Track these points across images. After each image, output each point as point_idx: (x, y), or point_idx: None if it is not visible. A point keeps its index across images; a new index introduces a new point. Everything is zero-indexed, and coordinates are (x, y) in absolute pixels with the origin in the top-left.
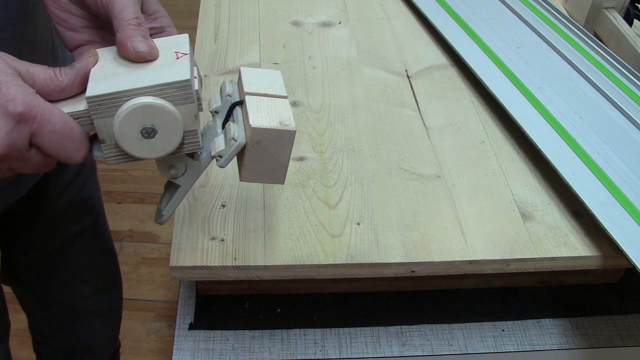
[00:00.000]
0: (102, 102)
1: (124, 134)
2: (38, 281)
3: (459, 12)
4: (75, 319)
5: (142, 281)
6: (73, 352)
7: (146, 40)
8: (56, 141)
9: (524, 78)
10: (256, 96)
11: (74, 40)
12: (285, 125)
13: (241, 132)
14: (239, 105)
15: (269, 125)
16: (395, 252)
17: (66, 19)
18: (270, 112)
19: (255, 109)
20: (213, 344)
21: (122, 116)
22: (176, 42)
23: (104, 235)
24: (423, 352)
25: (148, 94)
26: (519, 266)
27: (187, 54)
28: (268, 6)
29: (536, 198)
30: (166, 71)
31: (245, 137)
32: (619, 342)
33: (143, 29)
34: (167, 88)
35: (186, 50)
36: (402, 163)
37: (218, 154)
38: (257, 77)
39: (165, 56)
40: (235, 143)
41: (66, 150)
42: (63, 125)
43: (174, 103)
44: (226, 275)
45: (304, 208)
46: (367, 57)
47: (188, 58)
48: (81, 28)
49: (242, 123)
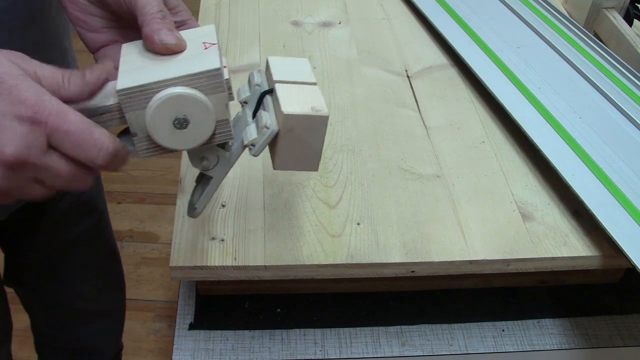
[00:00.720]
0: (133, 94)
1: (156, 125)
2: (41, 282)
3: (459, 12)
4: (78, 320)
5: (142, 281)
6: (75, 353)
7: (172, 32)
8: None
9: (524, 78)
10: (286, 84)
11: (95, 41)
12: (318, 110)
13: (273, 119)
14: (269, 93)
15: (301, 111)
16: (395, 252)
17: (86, 20)
18: (302, 98)
19: (286, 96)
20: (213, 344)
21: (154, 107)
22: (203, 33)
23: (107, 236)
24: (423, 352)
25: (179, 85)
26: (519, 266)
27: (215, 44)
28: (268, 6)
29: (536, 198)
30: (196, 61)
31: (277, 125)
32: (619, 342)
33: (168, 21)
34: (198, 78)
35: (214, 40)
36: (402, 163)
37: (251, 143)
38: (285, 66)
39: (193, 47)
40: (268, 131)
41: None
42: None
43: (205, 93)
44: (226, 275)
45: (304, 208)
46: (367, 57)
47: (216, 47)
48: (102, 28)
49: (273, 111)
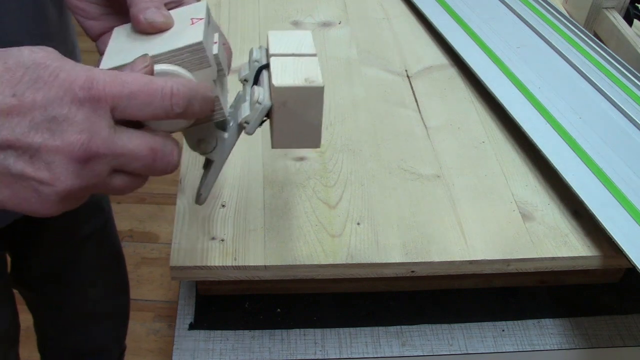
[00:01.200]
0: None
1: None
2: (48, 285)
3: (459, 12)
4: (83, 322)
5: (142, 281)
6: (79, 355)
7: (160, 10)
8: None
9: (524, 78)
10: (282, 57)
11: (95, 29)
12: (312, 81)
13: (266, 94)
14: (266, 68)
15: (293, 83)
16: (395, 252)
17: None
18: (296, 70)
19: (280, 69)
20: (213, 344)
21: None
22: (193, 10)
23: (113, 238)
24: (423, 352)
25: (161, 62)
26: (519, 266)
27: (202, 19)
28: (268, 6)
29: (536, 198)
30: (179, 37)
31: (270, 99)
32: (619, 342)
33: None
34: (180, 53)
35: (202, 15)
36: (402, 163)
37: (245, 120)
38: (285, 39)
39: (180, 24)
40: (260, 106)
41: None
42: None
43: (190, 69)
44: (226, 275)
45: (304, 208)
46: (367, 57)
47: (203, 22)
48: (101, 16)
49: (267, 86)
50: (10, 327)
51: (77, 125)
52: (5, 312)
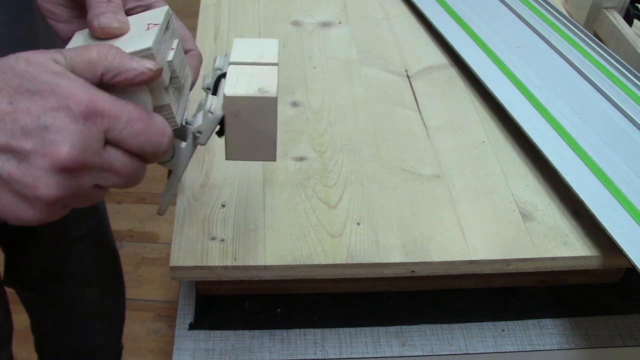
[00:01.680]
0: None
1: None
2: (42, 284)
3: (459, 12)
4: (80, 321)
5: (142, 281)
6: (76, 355)
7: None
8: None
9: (524, 78)
10: (240, 65)
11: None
12: (265, 91)
13: (219, 104)
14: (224, 77)
15: (245, 93)
16: (395, 252)
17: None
18: (251, 79)
19: (234, 79)
20: (213, 344)
21: None
22: (152, 15)
23: (108, 237)
24: (423, 352)
25: None
26: (519, 266)
27: (157, 24)
28: (268, 6)
29: (536, 198)
30: (131, 42)
31: (222, 109)
32: (619, 342)
33: (113, 5)
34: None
35: (159, 20)
36: (402, 163)
37: (197, 130)
38: (249, 47)
39: (136, 29)
40: (212, 116)
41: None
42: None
43: None
44: (226, 275)
45: (304, 208)
46: (367, 57)
47: (157, 28)
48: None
49: (221, 95)
50: (3, 326)
51: (69, 137)
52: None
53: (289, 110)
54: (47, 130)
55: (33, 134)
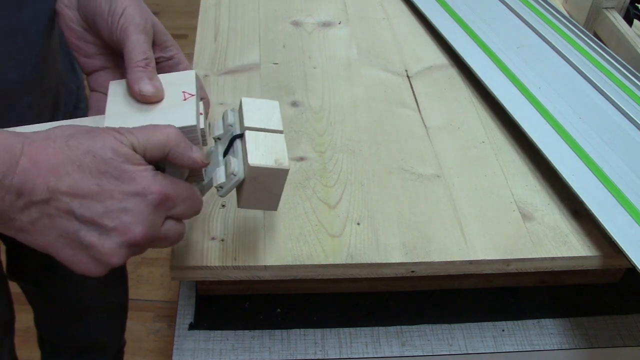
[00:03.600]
0: None
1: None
2: (44, 276)
3: (459, 12)
4: (82, 315)
5: (142, 281)
6: (78, 349)
7: (152, 81)
8: (189, 207)
9: (524, 78)
10: (254, 131)
11: (89, 65)
12: (280, 164)
13: (240, 167)
14: (239, 138)
15: (265, 164)
16: (395, 252)
17: (82, 47)
18: (268, 149)
19: (253, 146)
20: (213, 344)
21: None
22: (183, 80)
23: None
24: (423, 352)
25: None
26: (519, 266)
27: (193, 95)
28: (268, 6)
29: (536, 198)
30: (174, 115)
31: (243, 172)
32: (619, 342)
33: (150, 69)
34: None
35: (192, 90)
36: (402, 163)
37: (219, 185)
38: (257, 109)
39: (173, 95)
40: (235, 178)
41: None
42: (188, 190)
43: None
44: (226, 275)
45: (304, 208)
46: (367, 57)
47: (194, 99)
48: (96, 55)
49: (241, 157)
50: (5, 313)
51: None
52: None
53: (289, 110)
54: (126, 213)
55: (114, 215)
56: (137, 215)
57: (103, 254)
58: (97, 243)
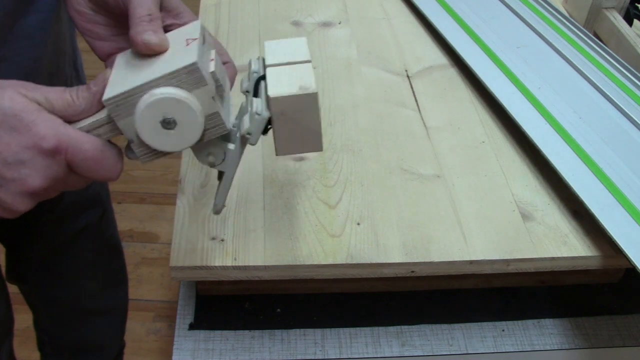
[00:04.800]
0: (119, 102)
1: (145, 129)
2: (43, 278)
3: (459, 12)
4: (81, 317)
5: (142, 281)
6: (78, 351)
7: (156, 33)
8: (90, 166)
9: (524, 78)
10: (277, 67)
11: (104, 49)
12: (305, 89)
13: (263, 105)
14: (263, 79)
15: (287, 92)
16: (395, 252)
17: (93, 29)
18: (291, 79)
19: (275, 80)
20: (213, 344)
21: (139, 113)
22: (189, 30)
23: (111, 231)
24: (423, 352)
25: (160, 86)
26: (519, 266)
27: (196, 39)
28: (268, 6)
29: (536, 198)
30: (175, 59)
31: (268, 110)
32: (619, 342)
33: (155, 23)
34: (176, 75)
35: (196, 35)
36: (402, 163)
37: (247, 132)
38: (280, 48)
39: (176, 45)
40: (259, 117)
41: (100, 172)
42: (94, 151)
43: (188, 89)
44: (226, 275)
45: (304, 208)
46: (367, 57)
47: (197, 42)
48: (109, 37)
49: (264, 96)
50: (4, 317)
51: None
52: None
53: None
54: (24, 165)
55: (12, 167)
56: (34, 167)
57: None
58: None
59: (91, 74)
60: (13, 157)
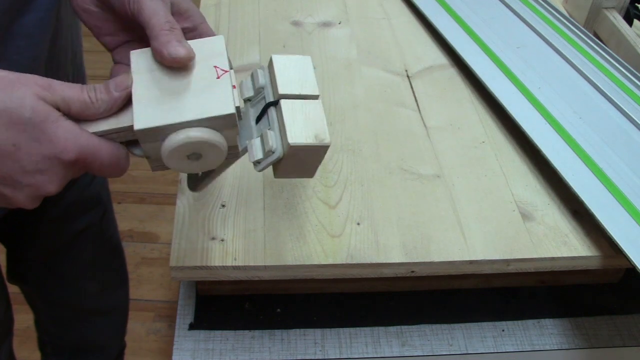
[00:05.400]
0: (150, 133)
1: (172, 160)
2: (44, 278)
3: (459, 12)
4: (82, 317)
5: (142, 281)
6: (79, 351)
7: (181, 43)
8: (104, 171)
9: (524, 78)
10: (290, 99)
11: (111, 42)
12: (321, 140)
13: (279, 143)
14: (274, 105)
15: (306, 142)
16: (395, 252)
17: (102, 26)
18: (306, 122)
19: (291, 120)
20: (213, 344)
21: (170, 150)
22: (212, 49)
23: (111, 231)
24: (423, 352)
25: (193, 126)
26: (519, 266)
27: (227, 72)
28: (268, 6)
29: (536, 198)
30: (210, 99)
31: (282, 150)
32: (619, 342)
33: (177, 32)
34: (213, 120)
35: (225, 63)
36: (402, 163)
37: (256, 161)
38: (289, 70)
39: (204, 71)
40: (274, 155)
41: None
42: (111, 158)
43: (219, 130)
44: (226, 275)
45: (304, 208)
46: (367, 57)
47: (229, 76)
48: (118, 31)
49: (278, 131)
50: (4, 317)
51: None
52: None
53: None
54: (42, 173)
55: (29, 174)
56: (52, 175)
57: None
58: (11, 196)
59: (92, 74)
60: (33, 166)
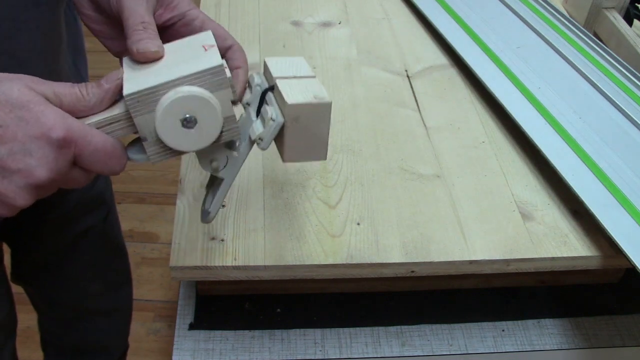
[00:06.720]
0: (141, 98)
1: (165, 126)
2: (47, 279)
3: (459, 12)
4: (85, 318)
5: (142, 281)
6: (82, 352)
7: (152, 41)
8: (99, 159)
9: (524, 78)
10: (286, 79)
11: (115, 47)
12: (321, 98)
13: (278, 112)
14: (271, 90)
15: (305, 100)
16: (395, 252)
17: (101, 30)
18: (303, 89)
19: (288, 89)
20: (213, 344)
21: (163, 109)
22: (202, 38)
23: (115, 231)
24: (423, 352)
25: (184, 84)
26: (519, 266)
27: (214, 45)
28: (268, 6)
29: (536, 198)
30: (198, 61)
31: (282, 116)
32: (619, 342)
33: (150, 31)
34: (202, 75)
35: (212, 42)
36: (402, 163)
37: (259, 137)
38: (283, 64)
39: (193, 50)
40: (274, 123)
41: (108, 165)
42: (104, 143)
43: (210, 90)
44: (226, 275)
45: (304, 208)
46: (367, 57)
47: (216, 48)
48: (117, 37)
49: (277, 105)
50: (8, 318)
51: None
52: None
53: None
54: (30, 155)
55: (17, 157)
56: (41, 158)
57: (6, 196)
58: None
59: (94, 74)
60: (20, 147)
